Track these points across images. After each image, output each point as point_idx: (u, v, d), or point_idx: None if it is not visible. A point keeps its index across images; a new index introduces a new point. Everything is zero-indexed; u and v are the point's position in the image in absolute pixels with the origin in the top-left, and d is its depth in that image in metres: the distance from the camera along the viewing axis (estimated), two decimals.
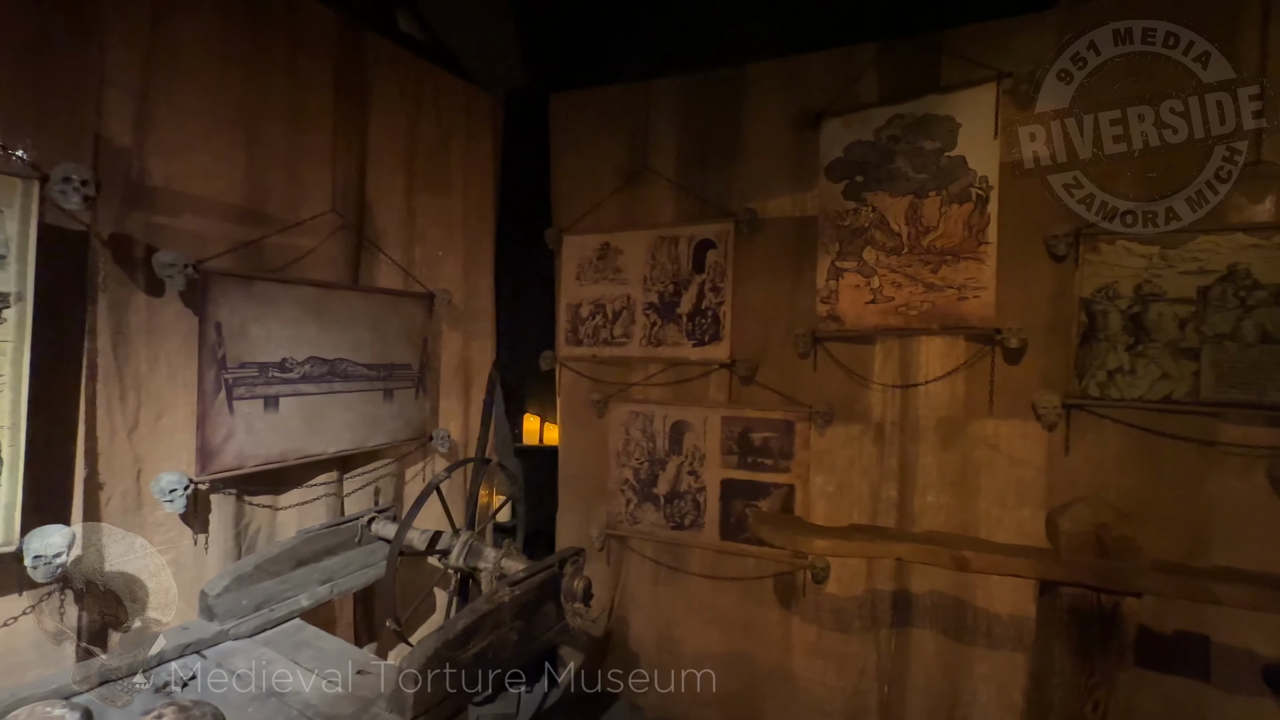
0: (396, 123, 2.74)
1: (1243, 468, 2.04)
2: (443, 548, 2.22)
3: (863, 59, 2.55)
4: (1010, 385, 2.33)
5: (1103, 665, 1.50)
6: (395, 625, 1.95)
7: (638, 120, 3.01)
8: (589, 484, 3.11)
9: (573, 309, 3.12)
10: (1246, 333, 2.00)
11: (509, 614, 1.77)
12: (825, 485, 2.65)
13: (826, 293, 2.60)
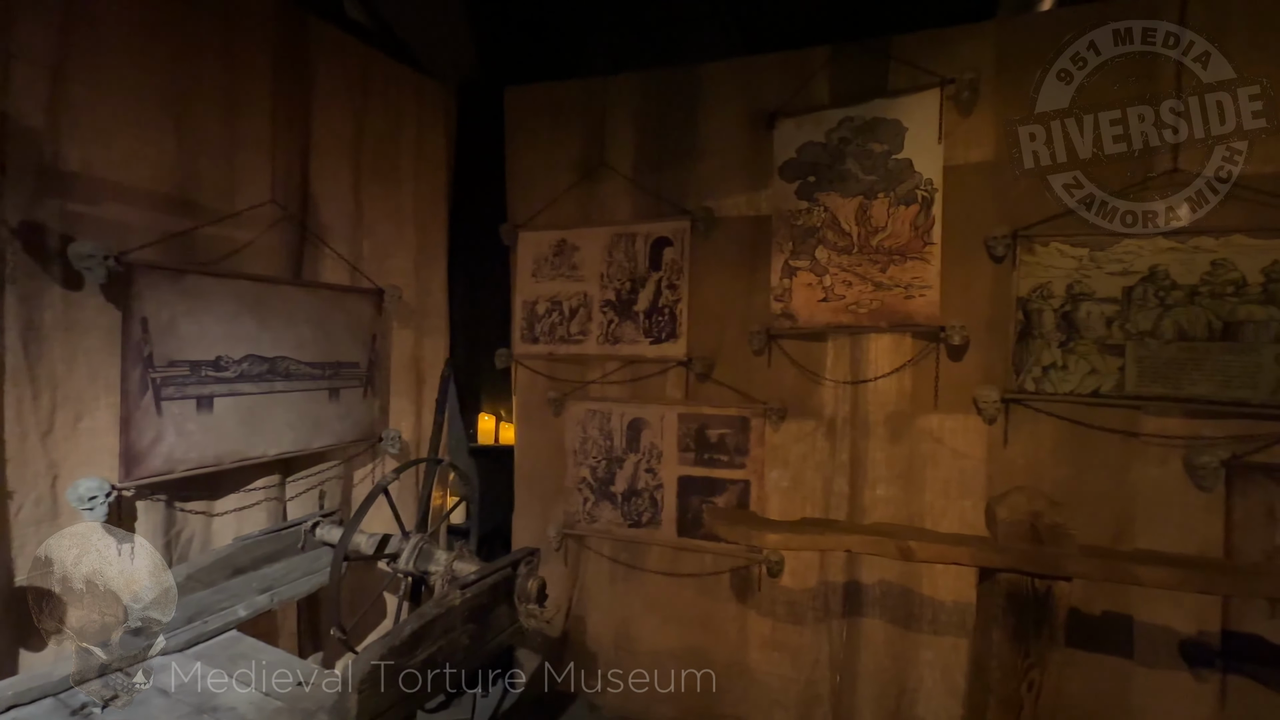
0: (342, 112, 2.64)
1: (1162, 457, 2.17)
2: (392, 552, 2.15)
3: (815, 62, 2.60)
4: (954, 381, 2.42)
5: (1036, 647, 1.58)
6: (340, 633, 1.88)
7: (594, 116, 2.98)
8: (546, 483, 3.07)
9: (529, 306, 3.07)
10: (1165, 330, 2.13)
11: (460, 617, 1.73)
12: (780, 480, 2.69)
13: (780, 291, 2.64)
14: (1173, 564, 1.55)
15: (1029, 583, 1.57)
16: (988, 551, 1.62)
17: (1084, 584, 2.15)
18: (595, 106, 2.98)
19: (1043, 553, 1.56)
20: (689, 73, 2.83)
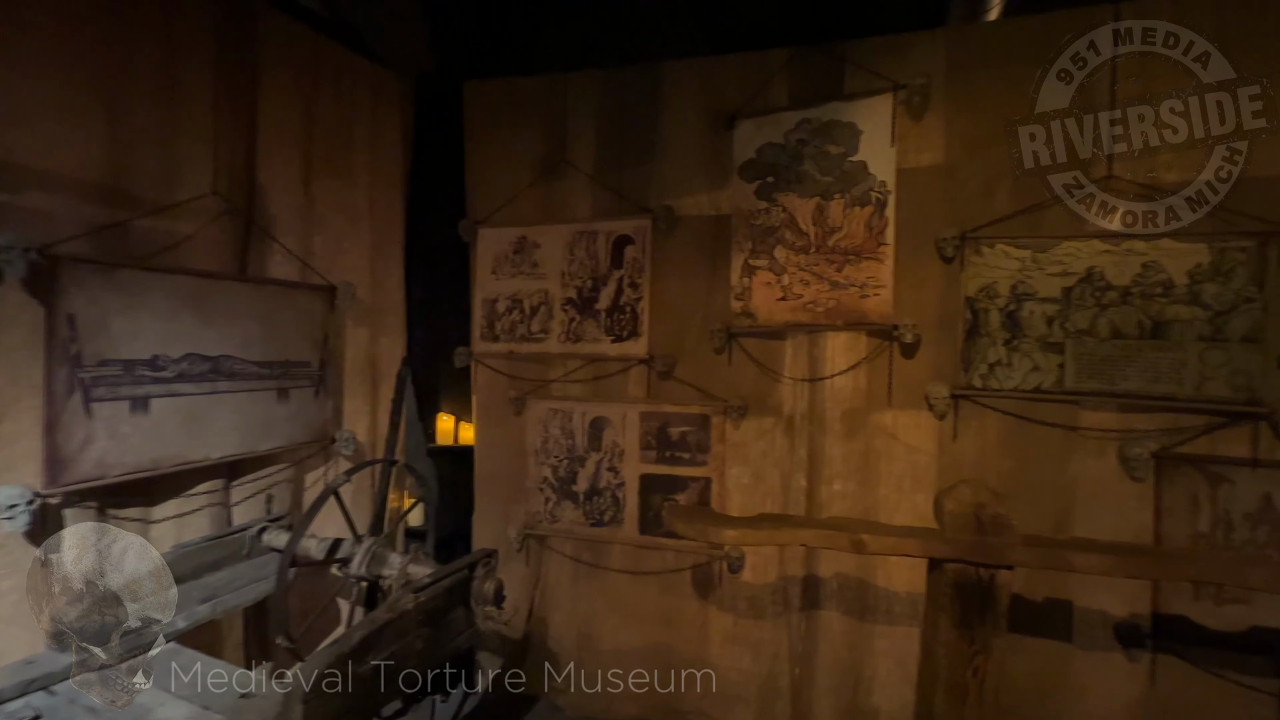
0: (291, 102, 2.54)
1: (1098, 449, 2.28)
2: (344, 556, 2.08)
3: (773, 64, 2.64)
4: (906, 378, 2.49)
5: (981, 633, 1.64)
6: (288, 642, 1.81)
7: (555, 113, 2.96)
8: (506, 484, 3.03)
9: (489, 304, 3.03)
10: (1101, 329, 2.24)
11: (414, 621, 1.69)
12: (740, 477, 2.72)
13: (740, 290, 2.67)
14: (1105, 551, 1.64)
15: (974, 572, 1.63)
16: (935, 543, 1.67)
17: (1027, 572, 2.25)
18: (556, 103, 2.96)
19: (986, 543, 1.62)
20: (650, 71, 2.83)
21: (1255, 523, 2.10)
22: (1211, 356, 2.12)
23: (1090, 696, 2.29)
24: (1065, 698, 2.31)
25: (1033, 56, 2.32)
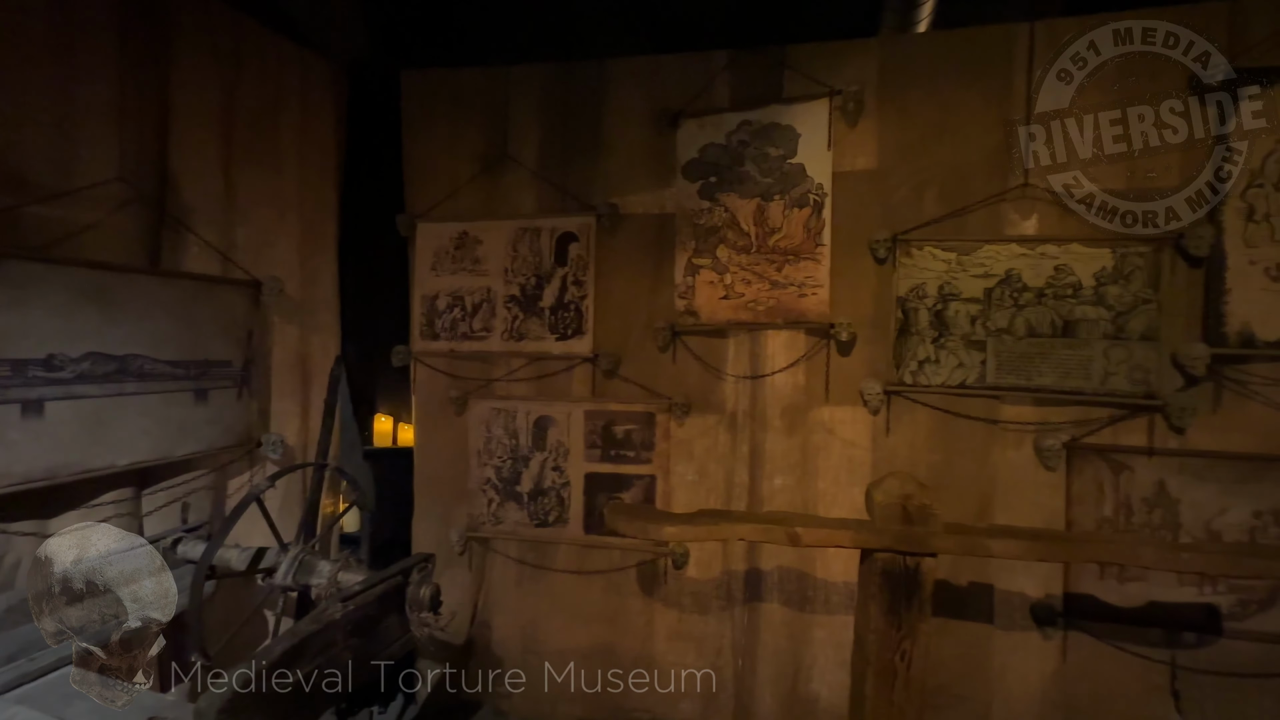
0: (209, 83, 2.38)
1: (1016, 441, 2.43)
2: (268, 566, 1.97)
3: (715, 65, 2.67)
4: (843, 374, 2.57)
5: (908, 619, 1.71)
6: (204, 659, 1.70)
7: (497, 106, 2.90)
8: (448, 486, 2.95)
9: (428, 301, 2.94)
10: (1018, 327, 2.38)
11: (342, 631, 1.62)
12: (685, 474, 2.75)
13: (684, 288, 2.69)
14: (1019, 536, 1.74)
15: (901, 560, 1.70)
16: (865, 533, 1.74)
17: (952, 558, 2.37)
18: (498, 96, 2.90)
19: (912, 532, 1.70)
20: (595, 67, 2.81)
21: (1151, 506, 2.29)
22: (1114, 353, 2.29)
23: (1009, 674, 2.43)
24: (987, 676, 2.45)
25: (957, 68, 2.44)
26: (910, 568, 1.70)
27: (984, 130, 2.43)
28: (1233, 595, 2.22)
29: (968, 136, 2.45)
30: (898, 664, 1.71)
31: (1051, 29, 2.36)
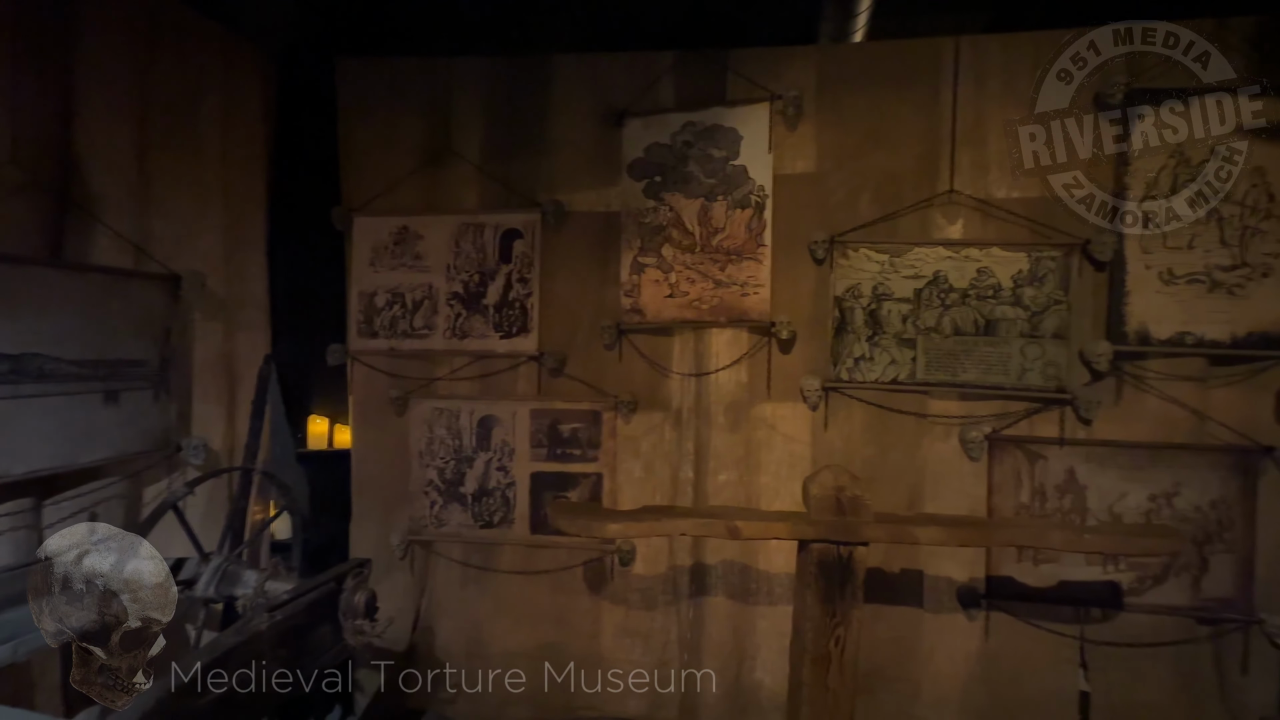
0: (119, 64, 2.22)
1: (944, 434, 2.56)
2: (188, 577, 1.86)
3: (661, 65, 2.69)
4: (783, 372, 2.64)
5: (841, 606, 1.78)
6: (113, 680, 1.58)
7: (439, 98, 2.83)
8: (388, 488, 2.86)
9: (366, 298, 2.84)
10: (945, 326, 2.51)
11: (268, 644, 1.55)
12: (632, 471, 2.76)
13: (630, 286, 2.70)
14: (942, 524, 1.84)
15: (835, 550, 1.77)
16: (801, 525, 1.80)
17: (886, 547, 2.48)
18: (439, 88, 2.82)
19: (845, 522, 1.77)
20: (540, 63, 2.78)
21: (1062, 493, 2.46)
22: (1030, 351, 2.45)
23: (938, 655, 2.56)
24: (918, 657, 2.58)
25: (889, 78, 2.55)
26: (844, 557, 1.77)
27: (914, 138, 2.55)
28: (1132, 573, 2.42)
29: (899, 144, 2.56)
30: (832, 650, 1.78)
31: (975, 45, 2.50)
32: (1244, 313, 2.30)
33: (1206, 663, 2.40)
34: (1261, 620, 2.31)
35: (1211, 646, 2.39)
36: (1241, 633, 2.35)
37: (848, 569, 1.77)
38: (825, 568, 1.78)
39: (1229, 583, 2.35)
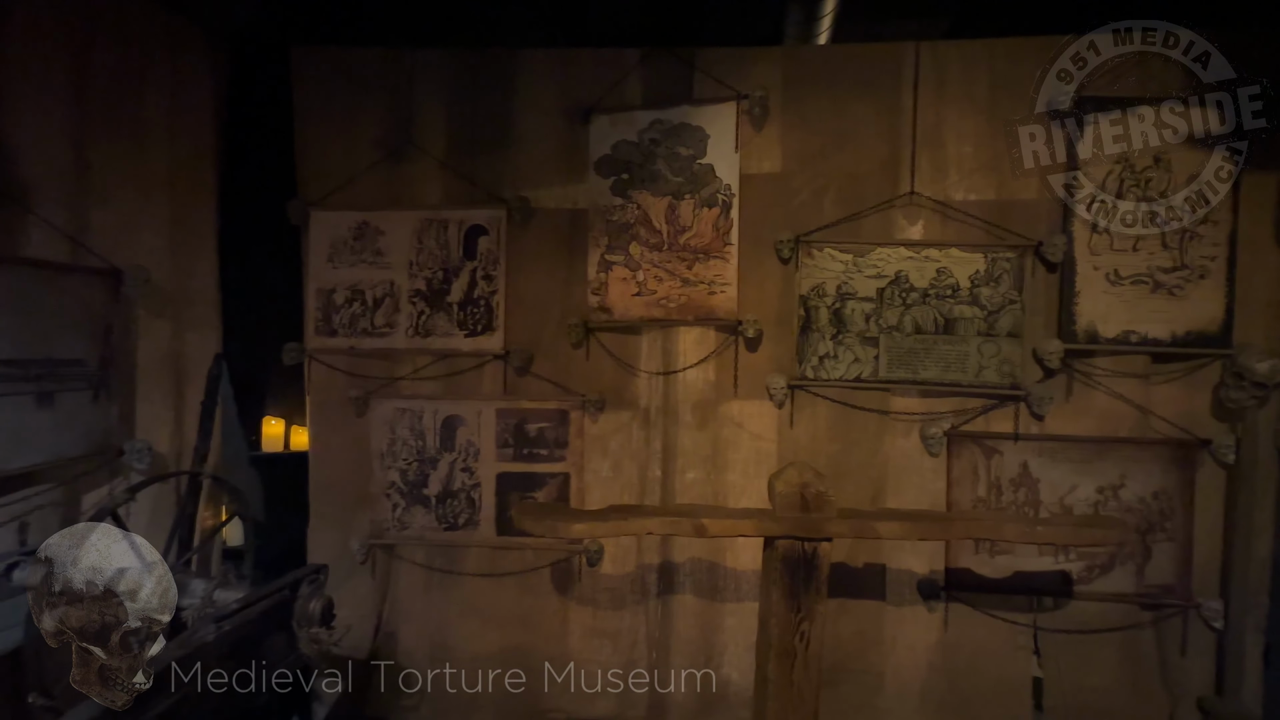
0: (54, 45, 2.10)
1: (905, 430, 2.62)
2: (130, 588, 1.77)
3: (628, 62, 2.67)
4: (750, 370, 2.65)
5: (806, 601, 1.80)
6: (45, 699, 1.50)
7: (400, 90, 2.75)
8: (348, 491, 2.78)
9: (324, 294, 2.75)
10: (906, 325, 2.56)
11: (216, 656, 1.48)
12: (599, 471, 2.75)
13: (597, 284, 2.68)
14: (903, 518, 1.88)
15: (799, 546, 1.79)
16: (766, 522, 1.81)
17: (850, 542, 2.52)
18: (401, 80, 2.75)
19: (809, 519, 1.79)
20: (505, 57, 2.74)
21: (1017, 486, 2.54)
22: (986, 349, 2.52)
23: (899, 645, 2.62)
24: (881, 648, 2.63)
25: (852, 81, 2.59)
26: (808, 552, 1.79)
27: (876, 140, 2.60)
28: (1081, 562, 2.51)
29: (862, 145, 2.60)
30: (797, 644, 1.80)
31: (934, 50, 2.56)
32: (1183, 312, 2.42)
33: (1149, 646, 2.51)
34: (1199, 605, 2.43)
35: (1154, 631, 2.51)
36: (1181, 617, 2.47)
37: (812, 564, 1.79)
38: (790, 563, 1.80)
39: (1169, 570, 2.47)
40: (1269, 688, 2.43)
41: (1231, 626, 2.37)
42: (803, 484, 1.82)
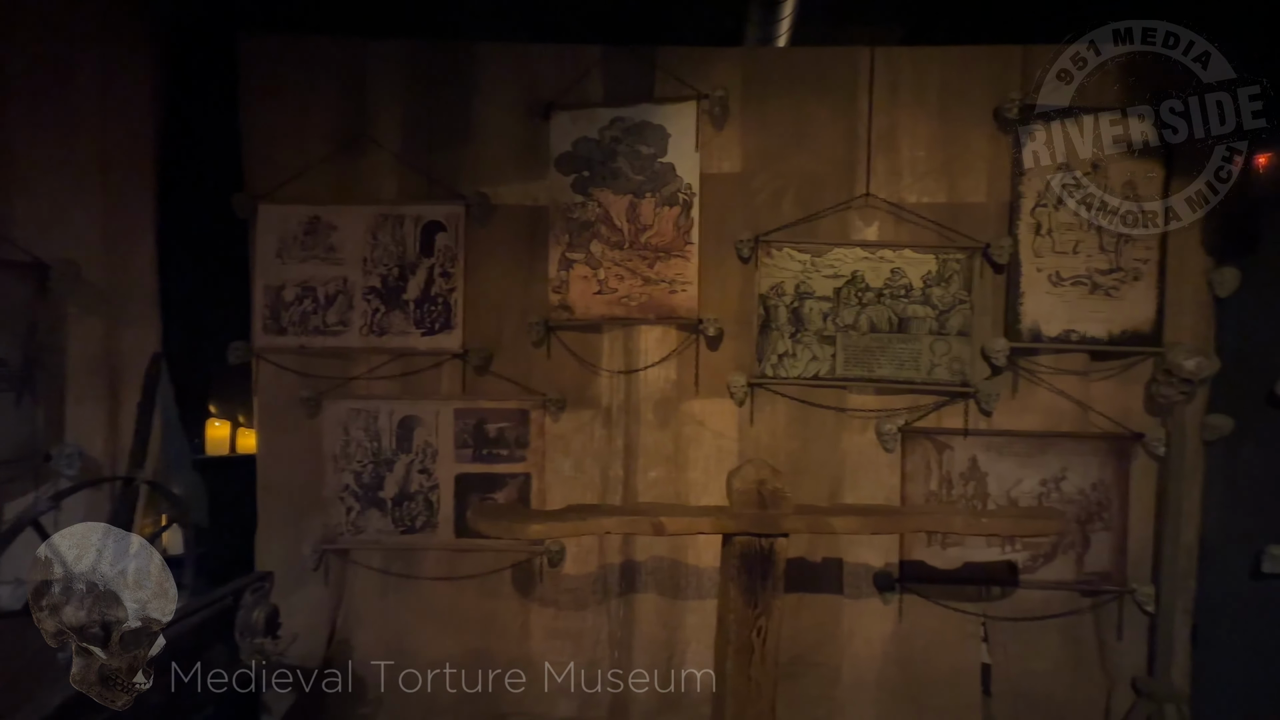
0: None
1: (861, 427, 2.67)
2: (56, 601, 1.66)
3: (589, 59, 2.66)
4: (711, 368, 2.67)
5: (763, 597, 1.83)
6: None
7: (354, 82, 2.67)
8: (298, 495, 2.68)
9: (273, 291, 2.65)
10: (862, 324, 2.62)
11: (150, 670, 1.41)
12: (561, 471, 2.73)
13: (558, 282, 2.66)
14: (857, 513, 1.93)
15: (756, 542, 1.81)
16: (724, 519, 1.83)
17: (808, 538, 2.56)
18: (354, 70, 2.67)
19: (765, 515, 1.81)
20: (464, 49, 2.68)
21: (966, 480, 2.63)
22: (938, 347, 2.60)
23: (856, 638, 2.67)
24: (838, 641, 2.68)
25: (810, 83, 2.64)
26: (765, 549, 1.81)
27: (834, 142, 2.64)
28: (1026, 552, 2.61)
29: (819, 147, 2.65)
30: (754, 640, 1.82)
31: (888, 56, 2.62)
32: (1118, 312, 2.54)
33: (1088, 631, 2.63)
34: (1133, 590, 2.56)
35: (1092, 616, 2.63)
36: (1117, 602, 2.59)
37: (769, 560, 1.81)
38: (747, 560, 1.82)
39: (1107, 558, 2.59)
40: (1196, 666, 2.58)
41: (1162, 609, 2.50)
42: (759, 481, 1.84)
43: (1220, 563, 2.55)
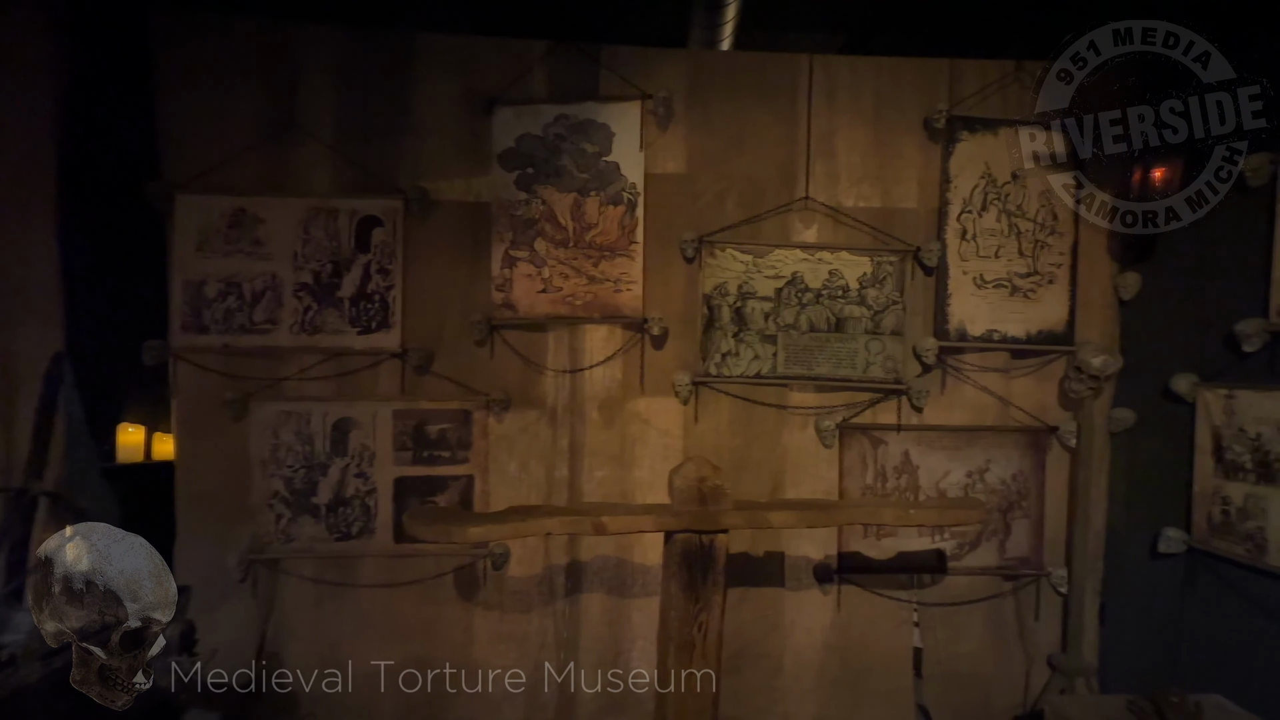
0: None
1: (801, 424, 2.75)
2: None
3: (533, 54, 2.63)
4: (656, 367, 2.69)
5: (704, 593, 1.85)
6: None
7: (283, 68, 2.55)
8: (223, 503, 2.54)
9: (193, 287, 2.49)
10: (802, 323, 2.69)
11: (43, 698, 1.30)
12: (505, 472, 2.68)
13: (501, 280, 2.61)
14: (793, 508, 1.99)
15: (697, 539, 1.83)
16: (665, 516, 1.84)
17: (752, 532, 2.62)
18: (284, 56, 2.55)
19: (705, 512, 1.84)
20: (403, 39, 2.60)
21: (899, 473, 2.75)
22: (873, 346, 2.70)
23: (798, 628, 2.75)
24: (780, 633, 2.75)
25: (753, 87, 2.69)
26: (705, 545, 1.84)
27: (774, 146, 2.70)
28: (954, 540, 2.76)
29: (761, 151, 2.70)
30: (695, 635, 1.84)
31: (826, 64, 2.70)
32: (1035, 313, 2.71)
33: (1010, 613, 2.80)
34: (1049, 573, 2.74)
35: (1014, 599, 2.79)
36: (1035, 585, 2.77)
37: (709, 556, 1.84)
38: (688, 556, 1.84)
39: (1026, 544, 2.76)
40: (1104, 642, 2.79)
41: (1074, 590, 2.69)
42: (700, 478, 1.87)
43: (1124, 545, 2.76)
